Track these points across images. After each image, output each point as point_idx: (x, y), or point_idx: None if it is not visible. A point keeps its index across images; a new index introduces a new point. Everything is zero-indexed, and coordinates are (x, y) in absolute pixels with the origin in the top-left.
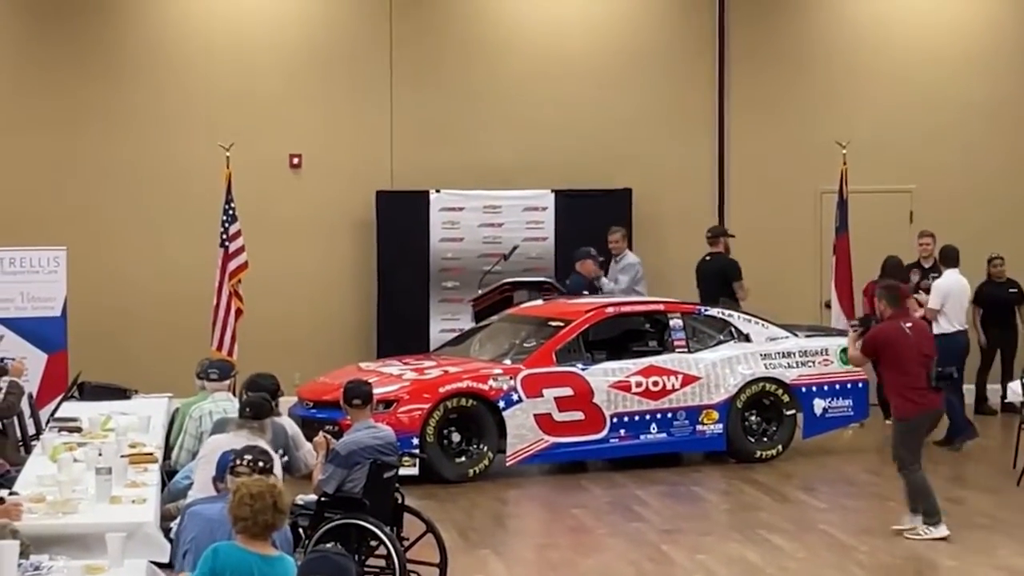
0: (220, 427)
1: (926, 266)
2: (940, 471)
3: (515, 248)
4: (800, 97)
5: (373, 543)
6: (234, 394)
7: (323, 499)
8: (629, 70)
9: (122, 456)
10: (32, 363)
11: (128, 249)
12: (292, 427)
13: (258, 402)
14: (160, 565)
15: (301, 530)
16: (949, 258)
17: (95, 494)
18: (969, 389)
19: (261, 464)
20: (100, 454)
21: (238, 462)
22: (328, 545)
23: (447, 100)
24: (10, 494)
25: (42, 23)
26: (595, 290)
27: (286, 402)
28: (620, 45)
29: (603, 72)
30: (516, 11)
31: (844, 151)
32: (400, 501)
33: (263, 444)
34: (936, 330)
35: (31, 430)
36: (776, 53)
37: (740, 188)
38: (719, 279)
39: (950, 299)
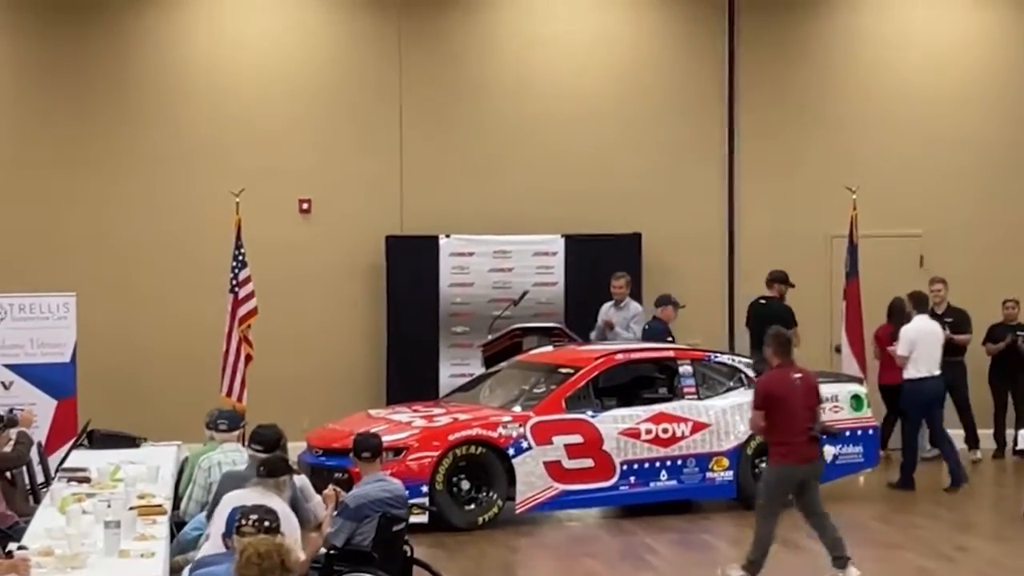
0: (229, 480)
1: (939, 312)
2: (948, 517)
3: (525, 293)
4: (810, 142)
5: None
6: (243, 444)
7: (332, 552)
8: (639, 115)
9: (131, 508)
10: (41, 409)
11: (138, 294)
12: (301, 479)
13: (273, 460)
14: None
15: None
16: (918, 304)
17: (104, 548)
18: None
19: (267, 524)
20: (109, 506)
21: (244, 522)
22: None
23: (457, 145)
24: (19, 548)
25: (53, 69)
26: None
27: (295, 448)
28: (630, 90)
29: (613, 117)
30: (526, 57)
31: (854, 196)
32: (409, 554)
33: (278, 502)
34: (905, 375)
35: (40, 478)
36: (786, 98)
37: (750, 233)
38: (770, 324)
39: (918, 345)
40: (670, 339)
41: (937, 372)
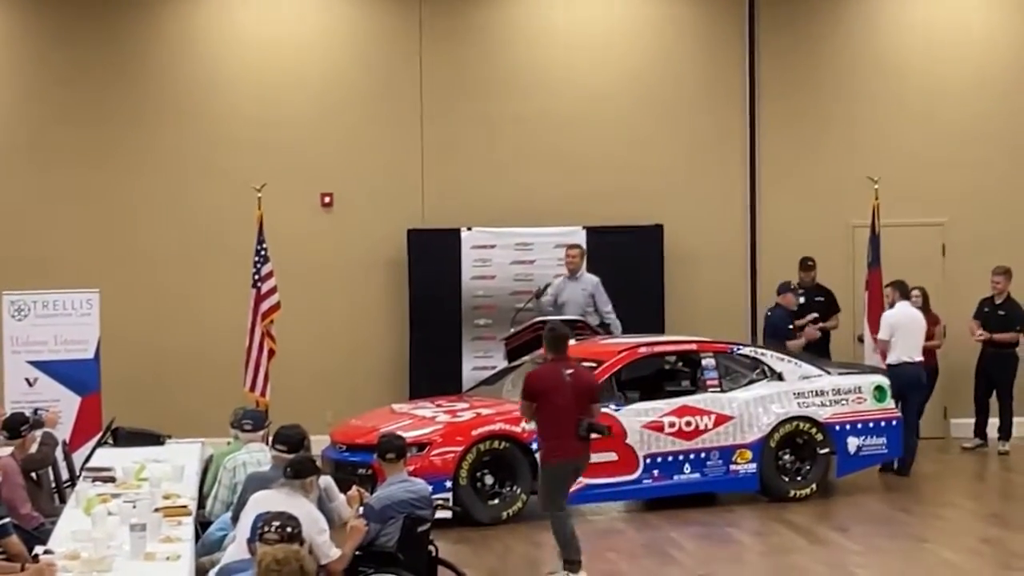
0: (254, 482)
1: (998, 302)
2: (972, 508)
3: (547, 286)
4: (831, 131)
5: None
6: (267, 444)
7: (357, 553)
8: (660, 107)
9: (156, 510)
10: (65, 405)
11: (160, 290)
12: (325, 480)
13: (300, 462)
14: None
15: None
16: (901, 291)
17: (130, 551)
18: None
19: (289, 530)
20: (134, 507)
21: (266, 529)
22: None
23: (478, 138)
24: (45, 552)
25: (76, 68)
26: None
27: (317, 442)
28: (652, 82)
29: (635, 109)
30: (547, 49)
31: (876, 186)
32: (434, 554)
33: (304, 503)
34: (888, 360)
35: (64, 475)
36: (806, 89)
37: (772, 223)
38: None
39: (899, 331)
40: (791, 327)
41: (918, 358)
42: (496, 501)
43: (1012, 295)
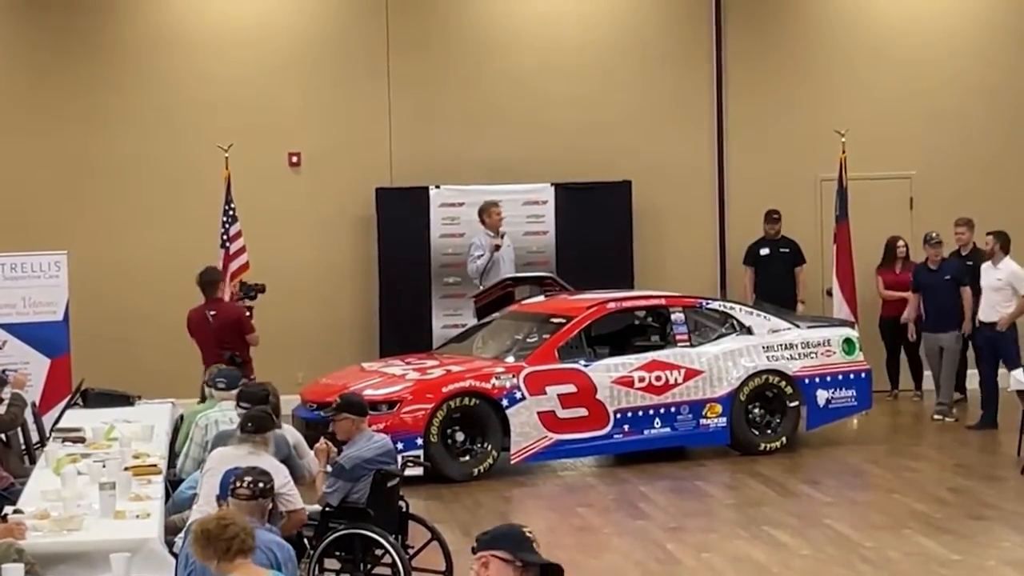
0: (221, 440)
1: (964, 254)
2: (940, 459)
3: (503, 235)
4: (798, 86)
5: (378, 552)
6: None
7: (327, 509)
8: (627, 62)
9: (125, 468)
10: (35, 368)
11: (129, 252)
12: (294, 435)
13: (259, 416)
14: None
15: (306, 540)
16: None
17: (100, 509)
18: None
19: (261, 486)
20: (104, 466)
21: (239, 484)
22: None
23: (445, 96)
24: (14, 511)
25: (41, 27)
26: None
27: (288, 402)
28: (618, 37)
29: (601, 64)
30: (515, 6)
31: (843, 139)
32: (404, 509)
33: (266, 459)
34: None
35: (34, 437)
36: (773, 42)
37: (740, 178)
38: None
39: None
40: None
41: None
42: (467, 458)
43: (978, 246)
